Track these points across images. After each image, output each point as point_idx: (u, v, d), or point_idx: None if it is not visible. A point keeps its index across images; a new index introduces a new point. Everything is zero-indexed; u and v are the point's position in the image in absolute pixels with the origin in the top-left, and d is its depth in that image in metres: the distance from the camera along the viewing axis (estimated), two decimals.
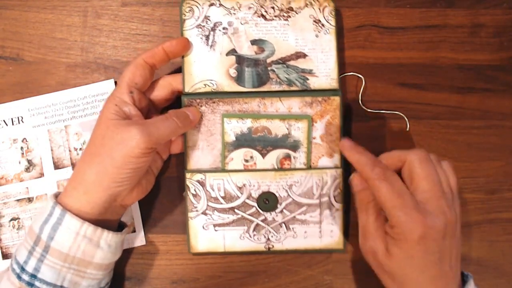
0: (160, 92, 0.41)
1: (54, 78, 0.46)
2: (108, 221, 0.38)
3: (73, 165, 0.45)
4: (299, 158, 0.42)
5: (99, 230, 0.36)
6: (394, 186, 0.34)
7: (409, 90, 0.46)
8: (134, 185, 0.38)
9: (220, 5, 0.42)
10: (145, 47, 0.46)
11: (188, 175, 0.42)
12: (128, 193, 0.38)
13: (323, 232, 0.42)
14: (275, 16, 0.42)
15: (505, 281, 0.44)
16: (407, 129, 0.46)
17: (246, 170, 0.42)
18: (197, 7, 0.42)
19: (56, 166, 0.45)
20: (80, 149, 0.45)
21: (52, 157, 0.45)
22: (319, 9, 0.42)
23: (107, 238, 0.36)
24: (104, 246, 0.36)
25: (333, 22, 0.42)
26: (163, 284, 0.44)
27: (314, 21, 0.42)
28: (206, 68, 0.41)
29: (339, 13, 0.46)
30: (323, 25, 0.42)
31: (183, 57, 0.41)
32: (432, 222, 0.33)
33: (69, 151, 0.45)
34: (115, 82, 0.46)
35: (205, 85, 0.41)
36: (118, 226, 0.40)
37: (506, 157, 0.46)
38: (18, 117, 0.45)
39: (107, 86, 0.45)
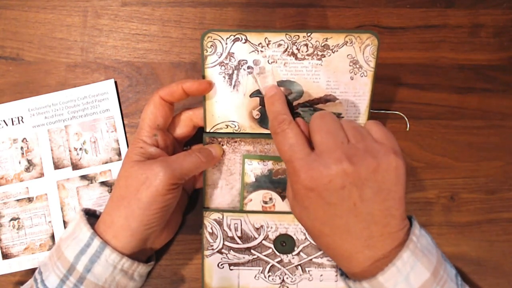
0: (182, 129, 0.41)
1: (54, 78, 0.46)
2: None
3: (73, 165, 0.45)
4: None
5: (136, 263, 0.36)
6: (287, 140, 0.33)
7: (409, 90, 0.46)
8: (163, 227, 0.38)
9: (246, 40, 0.38)
10: (145, 47, 0.46)
11: (205, 214, 0.41)
12: (157, 236, 0.39)
13: (339, 276, 0.42)
14: (308, 55, 0.38)
15: (505, 281, 0.44)
16: (407, 129, 0.46)
17: (264, 211, 0.41)
18: (220, 42, 0.38)
19: (56, 166, 0.45)
20: (80, 149, 0.45)
21: (52, 157, 0.45)
22: (360, 48, 0.38)
23: (141, 270, 0.37)
24: (137, 278, 0.37)
25: (373, 63, 0.38)
26: (163, 284, 0.44)
27: (352, 61, 0.38)
28: (228, 109, 0.39)
29: (381, 48, 0.43)
30: (361, 66, 0.38)
31: (204, 96, 0.39)
32: (318, 172, 0.31)
33: (69, 151, 0.45)
34: (115, 82, 0.46)
35: (226, 126, 0.40)
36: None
37: (506, 157, 0.46)
38: (18, 117, 0.45)
39: (107, 86, 0.45)
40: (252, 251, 0.41)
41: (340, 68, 0.38)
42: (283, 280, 0.42)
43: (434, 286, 0.30)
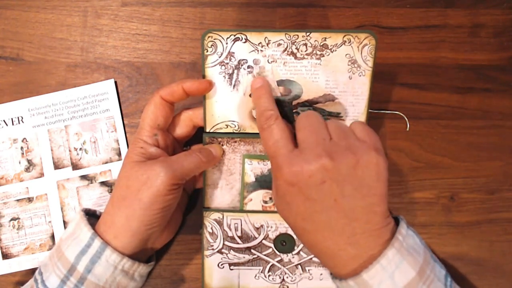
0: (182, 129, 0.41)
1: (54, 78, 0.46)
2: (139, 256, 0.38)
3: (73, 165, 0.45)
4: None
5: (136, 263, 0.36)
6: (273, 136, 0.34)
7: (409, 90, 0.46)
8: (164, 227, 0.38)
9: (246, 40, 0.38)
10: (145, 47, 0.46)
11: (205, 214, 0.41)
12: (158, 236, 0.39)
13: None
14: (307, 55, 0.38)
15: (505, 281, 0.44)
16: (407, 129, 0.46)
17: (264, 211, 0.41)
18: (221, 41, 0.38)
19: (56, 166, 0.45)
20: (80, 149, 0.45)
21: (52, 157, 0.45)
22: (358, 47, 0.38)
23: (141, 270, 0.37)
24: (137, 278, 0.37)
25: (370, 63, 0.38)
26: (163, 284, 0.44)
27: (350, 61, 0.38)
28: (228, 108, 0.39)
29: (379, 48, 0.43)
30: (359, 66, 0.38)
31: (204, 96, 0.39)
32: (299, 167, 0.32)
33: (69, 151, 0.45)
34: (115, 82, 0.46)
35: (226, 125, 0.40)
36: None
37: (506, 157, 0.46)
38: (18, 117, 0.45)
39: (107, 86, 0.45)
40: (252, 250, 0.41)
41: (339, 68, 0.39)
42: (283, 280, 0.42)
43: (420, 285, 0.30)
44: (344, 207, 0.32)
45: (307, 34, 0.38)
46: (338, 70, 0.39)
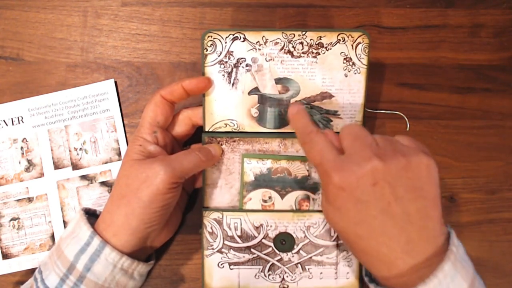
0: (181, 128, 0.41)
1: (54, 78, 0.46)
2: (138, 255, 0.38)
3: (73, 165, 0.45)
4: (318, 200, 0.41)
5: (136, 262, 0.36)
6: (316, 146, 0.34)
7: (409, 90, 0.46)
8: (163, 225, 0.38)
9: (245, 39, 0.39)
10: (145, 47, 0.46)
11: (205, 213, 0.41)
12: (157, 234, 0.39)
13: (339, 274, 0.42)
14: (303, 53, 0.39)
15: (505, 281, 0.44)
16: (407, 129, 0.46)
17: (264, 210, 0.41)
18: (220, 40, 0.39)
19: (56, 166, 0.45)
20: (80, 149, 0.45)
21: (52, 157, 0.45)
22: (352, 45, 0.39)
23: (141, 269, 0.37)
24: (136, 277, 0.37)
25: (365, 60, 0.40)
26: (163, 284, 0.44)
27: (345, 59, 0.39)
28: (227, 107, 0.40)
29: (372, 47, 0.44)
30: (354, 63, 0.39)
31: (204, 95, 0.40)
32: (349, 171, 0.31)
33: (69, 151, 0.45)
34: (115, 82, 0.46)
35: (225, 124, 0.40)
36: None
37: (506, 157, 0.46)
38: (18, 117, 0.45)
39: (107, 86, 0.45)
40: (252, 250, 0.41)
41: (335, 65, 0.40)
42: (283, 279, 0.42)
43: None
44: (399, 211, 0.31)
45: (303, 33, 0.39)
46: (333, 68, 0.40)
